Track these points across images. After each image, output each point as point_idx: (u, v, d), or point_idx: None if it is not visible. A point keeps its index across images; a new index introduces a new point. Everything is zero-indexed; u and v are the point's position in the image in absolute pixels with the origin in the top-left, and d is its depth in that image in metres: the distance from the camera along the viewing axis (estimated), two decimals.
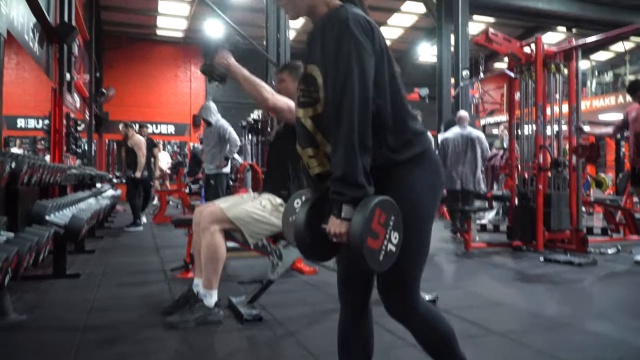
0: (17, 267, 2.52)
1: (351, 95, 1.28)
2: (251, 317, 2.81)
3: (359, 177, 1.26)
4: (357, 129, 1.27)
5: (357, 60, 1.29)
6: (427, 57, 18.48)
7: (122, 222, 8.15)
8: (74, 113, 8.18)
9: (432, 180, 1.44)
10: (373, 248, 1.24)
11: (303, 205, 1.38)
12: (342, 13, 1.33)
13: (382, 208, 1.26)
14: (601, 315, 3.02)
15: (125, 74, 16.64)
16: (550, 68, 5.54)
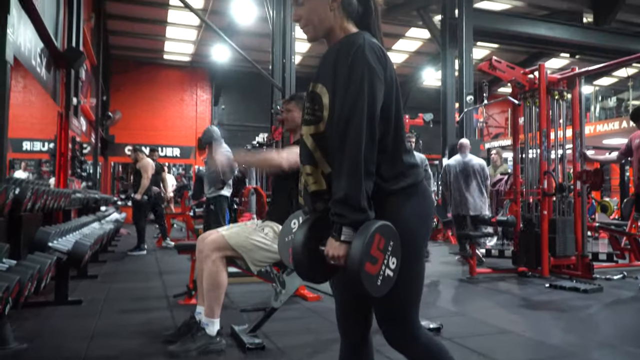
0: (18, 296, 2.52)
1: (360, 118, 1.30)
2: (254, 345, 2.79)
3: (362, 200, 1.27)
4: (362, 153, 1.28)
5: (369, 85, 1.32)
6: (431, 81, 18.64)
7: (126, 246, 8.14)
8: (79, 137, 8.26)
9: (423, 210, 1.45)
10: (371, 273, 1.24)
11: (301, 226, 1.38)
12: (359, 39, 1.37)
13: (382, 233, 1.27)
14: (607, 344, 2.97)
15: (131, 98, 16.84)
16: (554, 95, 5.58)
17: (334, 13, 1.45)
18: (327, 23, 1.46)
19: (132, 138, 16.05)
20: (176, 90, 17.80)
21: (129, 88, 16.85)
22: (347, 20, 1.47)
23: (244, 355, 2.72)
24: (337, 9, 1.45)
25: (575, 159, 5.56)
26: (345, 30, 1.47)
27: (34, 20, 4.88)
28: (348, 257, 1.25)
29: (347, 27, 1.47)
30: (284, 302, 3.05)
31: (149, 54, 16.98)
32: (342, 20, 1.47)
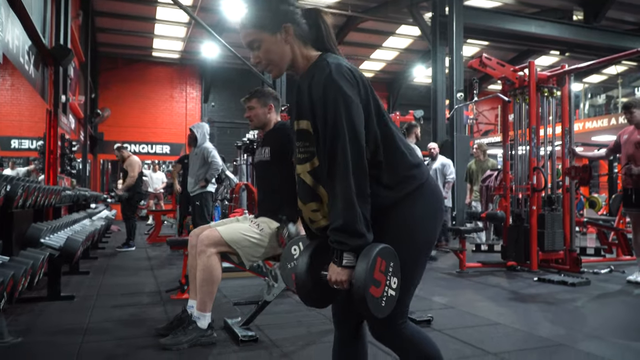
0: (12, 291, 2.52)
1: (343, 148, 1.31)
2: (247, 338, 2.82)
3: (359, 226, 1.29)
4: (352, 179, 1.30)
5: (346, 113, 1.33)
6: (422, 78, 18.74)
7: (116, 242, 8.12)
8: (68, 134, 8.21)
9: (432, 211, 1.47)
10: (375, 296, 1.28)
11: (304, 253, 1.40)
12: (325, 67, 1.37)
13: (383, 256, 1.30)
14: (594, 335, 3.04)
15: (120, 95, 16.72)
16: (544, 92, 5.66)
17: (290, 45, 1.47)
18: (287, 57, 1.48)
19: (122, 135, 15.96)
20: (165, 87, 17.71)
21: (118, 85, 16.72)
22: (305, 46, 1.48)
23: (238, 348, 2.74)
24: (292, 41, 1.46)
25: (564, 155, 5.64)
26: (307, 56, 1.48)
27: (22, 18, 4.85)
28: (353, 282, 1.28)
29: (307, 53, 1.48)
30: (276, 295, 3.08)
31: (138, 51, 16.86)
32: (300, 49, 1.48)
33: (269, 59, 1.48)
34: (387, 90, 20.46)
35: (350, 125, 1.32)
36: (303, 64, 1.48)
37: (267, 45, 1.46)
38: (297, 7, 1.49)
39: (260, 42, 1.46)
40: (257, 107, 3.09)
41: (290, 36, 1.45)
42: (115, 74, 16.76)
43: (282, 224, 2.93)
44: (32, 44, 5.45)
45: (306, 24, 1.48)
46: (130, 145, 16.85)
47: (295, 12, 1.47)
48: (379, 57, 17.91)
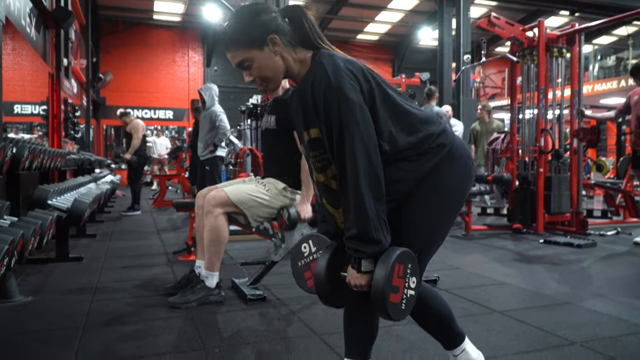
0: (22, 250, 2.55)
1: (351, 153, 1.27)
2: (255, 297, 2.85)
3: (374, 233, 1.27)
4: (363, 185, 1.27)
5: (351, 118, 1.28)
6: (428, 41, 18.36)
7: (122, 207, 8.17)
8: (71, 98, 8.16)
9: (462, 176, 1.45)
10: (395, 302, 1.29)
11: (322, 255, 1.39)
12: (322, 72, 1.32)
13: (400, 261, 1.30)
14: (599, 294, 3.05)
15: (122, 59, 16.52)
16: (553, 52, 5.53)
17: (281, 55, 1.40)
18: (280, 68, 1.41)
19: (124, 100, 15.85)
20: (167, 51, 17.46)
21: (119, 49, 16.50)
22: (295, 49, 1.42)
23: (246, 306, 2.77)
24: (282, 50, 1.40)
25: (573, 116, 5.57)
26: (300, 60, 1.42)
27: None
28: (372, 290, 1.28)
29: (300, 57, 1.42)
30: (283, 255, 3.10)
31: (139, 14, 16.55)
32: (291, 55, 1.42)
33: (263, 75, 1.42)
34: (392, 54, 20.13)
35: (357, 130, 1.28)
36: (298, 68, 1.42)
37: (257, 62, 1.40)
38: (276, 11, 1.42)
39: (250, 60, 1.40)
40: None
41: (279, 46, 1.39)
42: (117, 38, 16.52)
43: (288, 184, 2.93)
44: (33, 6, 5.36)
45: (289, 25, 1.41)
46: (133, 110, 16.73)
47: (276, 19, 1.39)
48: (383, 19, 17.51)
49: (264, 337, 2.29)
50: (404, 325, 2.35)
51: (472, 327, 2.40)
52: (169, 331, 2.38)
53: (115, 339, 2.26)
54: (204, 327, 2.43)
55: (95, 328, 2.42)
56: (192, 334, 2.33)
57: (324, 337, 2.27)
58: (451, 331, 1.56)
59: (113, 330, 2.39)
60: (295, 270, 1.51)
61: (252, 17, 1.39)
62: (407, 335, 2.27)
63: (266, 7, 1.42)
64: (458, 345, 1.57)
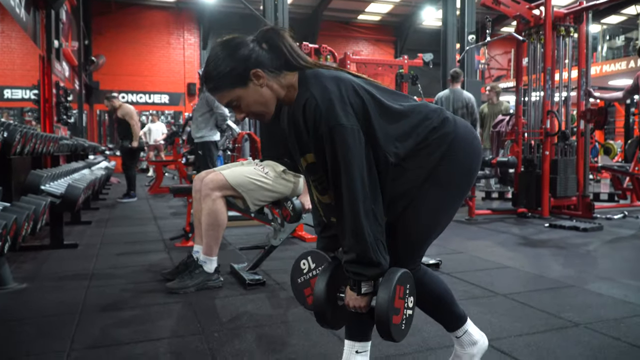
0: (15, 236, 2.47)
1: (347, 179, 1.25)
2: (254, 281, 2.80)
3: (373, 256, 1.26)
4: (362, 212, 1.25)
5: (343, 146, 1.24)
6: (431, 21, 18.13)
7: (117, 194, 8.08)
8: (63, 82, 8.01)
9: (469, 159, 1.42)
10: (396, 323, 1.30)
11: (321, 276, 1.37)
12: (311, 99, 1.27)
13: (401, 283, 1.30)
14: (605, 277, 3.01)
15: (115, 42, 16.23)
16: (560, 31, 5.41)
17: (267, 86, 1.35)
18: (270, 99, 1.36)
19: (118, 84, 15.64)
20: (162, 33, 17.17)
21: (112, 31, 16.19)
22: (280, 76, 1.36)
23: (245, 291, 2.72)
24: (267, 81, 1.34)
25: (580, 97, 5.47)
26: (287, 85, 1.37)
27: None
28: (376, 316, 1.28)
29: (287, 82, 1.37)
30: (282, 240, 3.04)
31: None
32: (278, 83, 1.36)
33: (254, 110, 1.37)
34: (394, 35, 19.90)
35: (349, 156, 1.24)
36: (288, 94, 1.37)
37: (245, 100, 1.35)
38: (253, 40, 1.35)
39: (238, 99, 1.35)
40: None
41: (263, 78, 1.33)
42: (109, 19, 16.20)
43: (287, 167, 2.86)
44: None
45: (268, 51, 1.35)
46: (128, 95, 16.55)
47: (254, 50, 1.33)
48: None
49: (263, 321, 2.24)
50: None
51: (474, 309, 2.36)
52: (167, 316, 2.33)
53: (111, 325, 2.21)
54: (203, 312, 2.38)
55: (92, 314, 2.36)
56: (190, 319, 2.28)
57: None
58: (452, 313, 1.54)
59: (110, 316, 2.33)
60: (295, 287, 1.50)
61: (229, 55, 1.33)
62: None
63: (242, 40, 1.35)
64: (460, 326, 1.55)
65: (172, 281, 2.77)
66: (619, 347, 1.91)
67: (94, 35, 15.97)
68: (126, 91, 16.11)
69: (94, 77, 15.59)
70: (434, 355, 1.84)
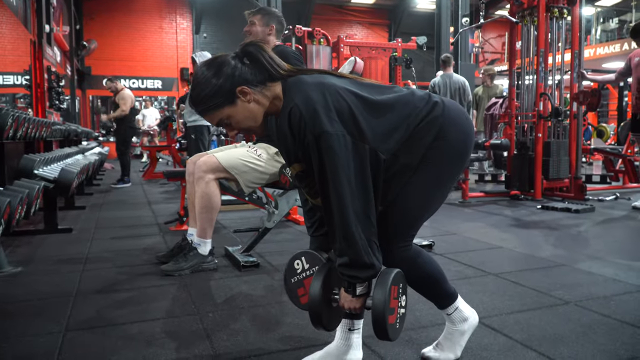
0: (9, 219, 2.47)
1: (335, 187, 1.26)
2: (248, 263, 2.81)
3: (366, 258, 1.28)
4: (352, 217, 1.26)
5: (330, 153, 1.25)
6: (425, 4, 18.01)
7: (111, 180, 8.06)
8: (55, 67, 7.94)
9: (460, 143, 1.44)
10: (392, 323, 1.33)
11: (316, 277, 1.38)
12: (295, 108, 1.28)
13: (395, 283, 1.33)
14: (596, 256, 3.05)
15: (106, 26, 16.05)
16: (554, 12, 5.40)
17: (254, 101, 1.36)
18: (258, 113, 1.39)
19: (110, 70, 15.49)
20: (154, 17, 16.97)
21: (103, 15, 16.01)
22: (265, 89, 1.37)
23: (240, 273, 2.74)
24: (253, 96, 1.36)
25: (573, 79, 5.47)
26: (274, 97, 1.38)
27: None
28: (373, 317, 1.31)
29: (273, 93, 1.38)
30: (277, 222, 3.05)
31: None
32: (264, 97, 1.38)
33: (244, 127, 1.40)
34: (388, 18, 19.78)
35: (339, 164, 1.26)
36: (274, 105, 1.39)
37: (235, 117, 1.38)
38: (234, 56, 1.37)
39: (227, 117, 1.38)
40: (258, 24, 2.99)
41: (249, 94, 1.35)
42: (100, 3, 15.99)
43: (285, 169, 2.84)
44: None
45: (251, 66, 1.36)
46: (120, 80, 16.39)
47: (236, 67, 1.35)
48: None
49: (258, 302, 2.27)
50: None
51: (465, 288, 2.39)
52: (162, 297, 2.34)
53: (107, 306, 2.22)
54: (198, 294, 2.39)
55: (87, 296, 2.37)
56: (185, 300, 2.30)
57: None
58: (442, 291, 1.56)
59: (105, 298, 2.34)
60: (288, 287, 1.51)
61: (214, 75, 1.35)
62: None
63: (224, 59, 1.37)
64: (451, 304, 1.58)
65: (166, 264, 2.78)
66: (609, 324, 1.94)
67: (85, 20, 15.79)
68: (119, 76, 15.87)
69: (85, 62, 15.46)
70: (425, 333, 1.87)
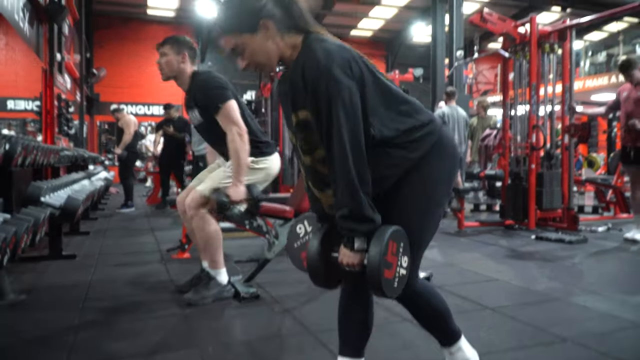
0: (15, 248, 2.54)
1: (341, 138, 1.29)
2: (248, 295, 2.85)
3: (366, 211, 1.30)
4: (353, 167, 1.29)
5: (340, 101, 1.29)
6: (421, 37, 18.35)
7: (116, 204, 8.14)
8: (65, 94, 8.11)
9: (449, 166, 1.47)
10: (388, 278, 1.31)
11: (314, 236, 1.40)
12: (313, 56, 1.33)
13: (394, 238, 1.32)
14: (590, 290, 3.08)
15: (115, 55, 16.40)
16: (545, 48, 5.55)
17: (273, 39, 1.41)
18: (273, 53, 1.42)
19: (118, 96, 15.76)
20: None
21: (113, 44, 16.38)
22: (287, 34, 1.42)
23: (239, 304, 2.78)
24: (274, 34, 1.41)
25: (564, 112, 5.59)
26: (292, 45, 1.42)
27: None
28: (367, 269, 1.29)
29: (292, 41, 1.42)
30: (277, 253, 3.11)
31: (132, 9, 16.46)
32: (284, 40, 1.42)
33: (257, 60, 1.44)
34: (386, 50, 20.09)
35: (345, 113, 1.29)
36: (290, 54, 1.43)
37: (250, 47, 1.42)
38: None
39: (243, 45, 1.42)
40: (169, 54, 2.97)
41: (271, 31, 1.40)
42: (111, 33, 16.38)
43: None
44: (26, 0, 5.32)
45: (280, 10, 1.41)
46: (127, 106, 16.64)
47: (267, 4, 1.40)
48: (378, 15, 17.47)
49: (257, 335, 2.30)
50: (398, 323, 2.37)
51: (464, 323, 2.38)
52: (162, 329, 2.39)
53: (108, 338, 2.27)
54: (198, 326, 2.43)
55: (89, 326, 2.42)
56: (185, 332, 2.34)
57: (318, 335, 2.28)
58: (448, 328, 1.58)
59: (106, 329, 2.39)
60: (291, 252, 1.52)
61: (243, 2, 1.41)
62: (402, 333, 2.29)
63: None
64: (454, 342, 1.59)
65: (187, 293, 2.83)
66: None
67: (95, 48, 16.13)
68: (126, 103, 16.19)
69: (95, 89, 15.71)
70: None
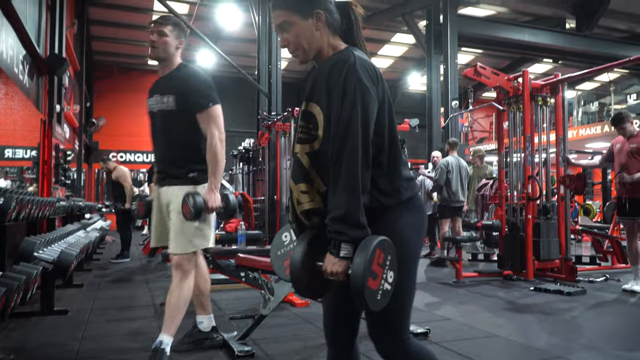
0: (4, 308, 2.50)
1: (355, 136, 1.31)
2: (243, 353, 2.79)
3: (361, 217, 1.29)
4: (359, 171, 1.30)
5: (362, 104, 1.33)
6: (417, 86, 18.80)
7: (111, 253, 8.05)
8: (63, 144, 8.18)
9: (419, 223, 1.48)
10: (372, 288, 1.26)
11: (299, 243, 1.37)
12: (350, 57, 1.39)
13: (382, 249, 1.28)
14: (591, 346, 3.03)
15: (115, 104, 16.68)
16: (538, 100, 5.70)
17: (320, 32, 1.47)
18: (316, 44, 1.48)
19: (117, 144, 15.93)
20: None
21: (113, 94, 16.69)
22: (334, 36, 1.49)
23: None
24: (323, 28, 1.47)
25: (559, 163, 5.66)
26: (334, 46, 1.49)
27: (16, 27, 4.83)
28: (351, 274, 1.25)
29: (335, 44, 1.49)
30: (272, 309, 3.06)
31: (133, 60, 16.86)
32: (328, 38, 1.48)
33: (298, 43, 1.48)
34: None
35: (365, 118, 1.33)
36: (328, 54, 1.48)
37: (297, 29, 1.46)
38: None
39: (291, 24, 1.47)
40: (170, 36, 2.74)
41: (322, 23, 1.46)
42: (110, 83, 16.75)
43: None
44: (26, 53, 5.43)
45: (338, 14, 1.49)
46: (126, 154, 16.84)
47: (328, 1, 1.48)
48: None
49: None
50: None
51: None
52: None
53: None
54: None
55: None
56: None
57: None
58: None
59: None
60: (275, 259, 1.50)
61: None
62: None
63: None
64: None
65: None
66: None
67: (95, 97, 16.45)
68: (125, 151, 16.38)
69: (94, 137, 15.90)
70: None
